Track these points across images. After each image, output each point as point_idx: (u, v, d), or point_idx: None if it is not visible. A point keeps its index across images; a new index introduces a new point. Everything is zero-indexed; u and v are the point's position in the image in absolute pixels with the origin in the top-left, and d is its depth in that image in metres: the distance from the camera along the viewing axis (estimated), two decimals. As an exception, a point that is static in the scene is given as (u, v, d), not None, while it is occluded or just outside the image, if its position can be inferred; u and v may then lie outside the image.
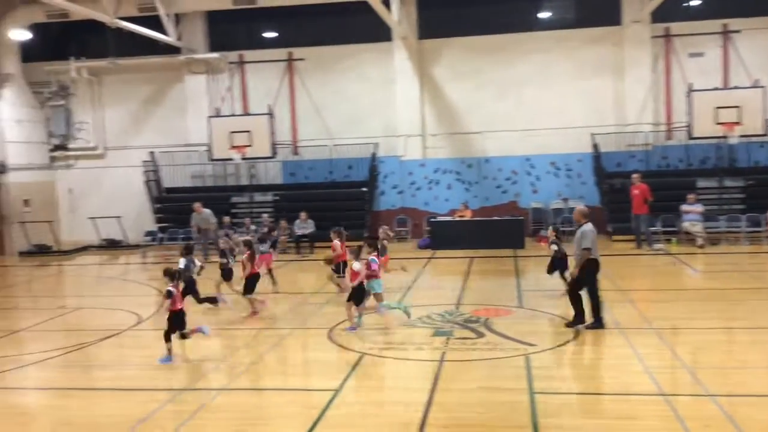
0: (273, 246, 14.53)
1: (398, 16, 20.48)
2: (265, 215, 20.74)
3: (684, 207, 18.79)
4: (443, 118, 22.83)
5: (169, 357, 9.26)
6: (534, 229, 21.18)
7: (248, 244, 12.07)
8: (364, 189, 22.07)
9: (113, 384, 8.56)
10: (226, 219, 19.46)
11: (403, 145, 22.67)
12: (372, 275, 10.65)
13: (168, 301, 9.22)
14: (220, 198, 22.06)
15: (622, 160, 21.53)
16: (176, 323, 9.30)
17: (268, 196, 22.44)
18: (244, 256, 11.79)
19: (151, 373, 8.98)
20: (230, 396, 7.92)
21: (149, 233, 22.10)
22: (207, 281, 12.84)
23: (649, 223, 18.60)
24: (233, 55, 23.46)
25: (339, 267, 12.78)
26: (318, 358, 9.58)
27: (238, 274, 12.24)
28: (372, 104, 22.87)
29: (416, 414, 7.01)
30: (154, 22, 21.09)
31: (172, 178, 23.48)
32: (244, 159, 21.43)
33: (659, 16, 21.19)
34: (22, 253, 22.18)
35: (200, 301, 11.76)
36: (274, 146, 21.38)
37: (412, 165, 22.73)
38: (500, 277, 15.56)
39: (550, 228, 12.95)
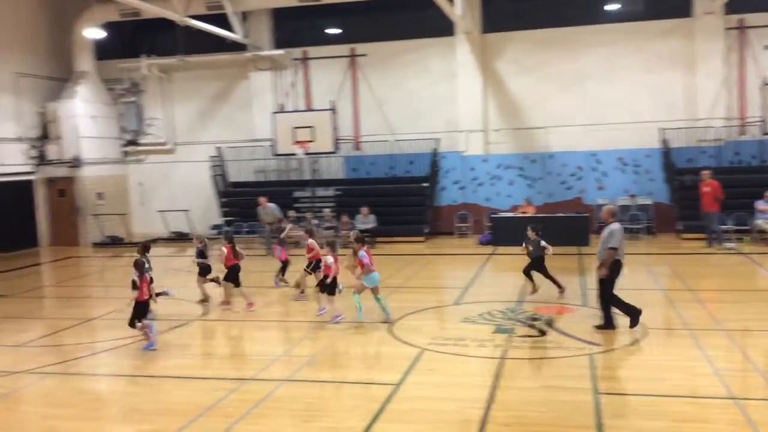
0: (280, 242, 14.55)
1: (461, 10, 20.33)
2: (327, 210, 20.98)
3: (759, 205, 18.08)
4: (506, 113, 22.57)
5: (152, 343, 9.75)
6: (599, 226, 20.68)
7: (228, 239, 12.46)
8: (425, 184, 22.04)
9: (181, 372, 8.83)
10: (291, 213, 19.75)
11: (465, 141, 22.53)
12: (368, 270, 10.85)
13: (135, 292, 9.69)
14: (283, 192, 22.39)
15: (693, 156, 20.84)
16: (140, 312, 9.73)
17: (330, 191, 22.66)
18: (224, 248, 12.14)
19: (217, 363, 9.23)
20: (293, 387, 8.06)
21: (215, 226, 22.62)
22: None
23: (720, 222, 17.97)
24: (297, 52, 23.76)
25: (311, 265, 12.52)
26: (379, 352, 9.64)
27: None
28: (433, 99, 22.81)
29: (477, 411, 6.98)
30: (222, 20, 21.55)
31: (237, 173, 23.99)
32: (306, 154, 21.68)
33: (732, 7, 20.37)
34: (95, 244, 23.05)
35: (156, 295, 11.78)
36: (336, 141, 21.57)
37: (474, 160, 22.56)
38: (564, 274, 15.23)
39: (529, 228, 12.50)
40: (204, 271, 12.84)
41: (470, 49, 22.15)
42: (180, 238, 23.42)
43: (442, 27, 21.95)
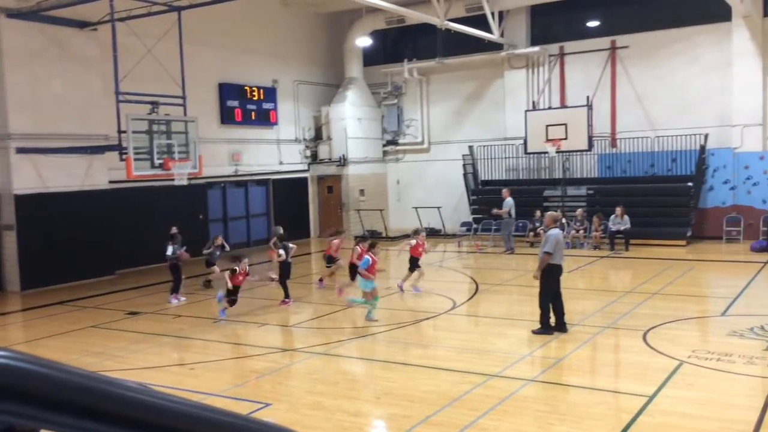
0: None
1: (739, -7, 18.42)
2: (580, 210, 20.34)
3: None
4: (791, 105, 19.96)
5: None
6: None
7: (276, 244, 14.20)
8: (690, 184, 20.35)
9: (428, 362, 9.20)
10: (537, 213, 19.80)
11: (739, 136, 20.37)
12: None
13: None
14: (532, 191, 22.17)
15: None
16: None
17: (582, 190, 21.92)
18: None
19: (463, 356, 9.45)
20: (537, 388, 7.99)
21: (464, 224, 23.10)
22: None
23: None
24: (554, 48, 23.31)
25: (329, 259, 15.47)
26: (630, 361, 9.15)
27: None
28: (702, 91, 20.94)
29: (742, 435, 6.34)
30: (479, 21, 21.90)
31: (488, 171, 24.25)
32: (558, 152, 21.23)
33: None
34: (356, 237, 24.80)
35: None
36: (590, 139, 20.81)
37: (749, 158, 20.28)
38: None
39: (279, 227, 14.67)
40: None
41: (749, 35, 19.95)
42: (432, 233, 24.27)
43: (716, 12, 20.05)
